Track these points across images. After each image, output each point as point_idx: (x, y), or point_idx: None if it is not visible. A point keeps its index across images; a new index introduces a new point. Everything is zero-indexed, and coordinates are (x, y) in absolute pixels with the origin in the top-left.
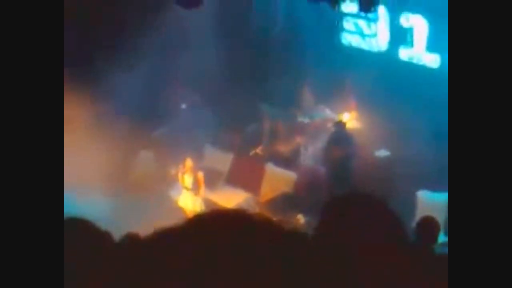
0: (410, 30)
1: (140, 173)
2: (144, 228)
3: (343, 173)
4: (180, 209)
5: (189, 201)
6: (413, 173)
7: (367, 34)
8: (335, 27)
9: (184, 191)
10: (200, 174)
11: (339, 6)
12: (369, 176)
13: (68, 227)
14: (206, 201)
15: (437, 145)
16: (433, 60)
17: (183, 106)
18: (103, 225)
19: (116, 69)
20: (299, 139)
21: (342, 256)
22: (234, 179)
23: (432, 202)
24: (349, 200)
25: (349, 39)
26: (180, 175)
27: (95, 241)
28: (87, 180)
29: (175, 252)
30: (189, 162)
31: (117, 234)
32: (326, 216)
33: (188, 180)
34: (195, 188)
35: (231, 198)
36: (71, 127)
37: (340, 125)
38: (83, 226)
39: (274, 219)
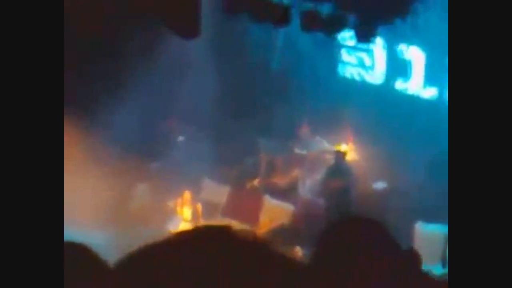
0: (408, 62)
1: (138, 206)
2: None
3: (341, 205)
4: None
5: None
6: (410, 204)
7: (365, 66)
8: (333, 59)
9: (183, 223)
10: (199, 206)
11: (335, 37)
12: (367, 208)
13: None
14: None
15: (435, 177)
16: (431, 93)
17: (180, 138)
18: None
19: (112, 101)
20: (296, 171)
21: (340, 279)
22: (231, 212)
23: (429, 234)
24: (345, 225)
25: (347, 70)
26: (178, 207)
27: (95, 265)
28: (83, 213)
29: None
30: (187, 195)
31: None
32: (323, 241)
33: (187, 212)
34: (194, 219)
35: None
36: (68, 160)
37: (340, 155)
38: (83, 250)
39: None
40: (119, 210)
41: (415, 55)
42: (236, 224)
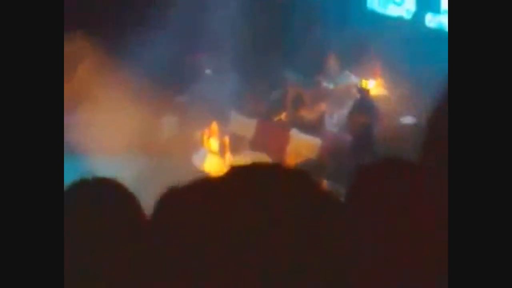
0: None
1: (164, 137)
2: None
3: (367, 140)
4: (205, 173)
5: (215, 164)
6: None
7: (393, 1)
8: None
9: (210, 155)
10: (226, 138)
11: None
12: (394, 143)
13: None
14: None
15: None
16: None
17: (207, 71)
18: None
19: (139, 34)
20: (323, 106)
21: (374, 222)
22: (258, 145)
23: None
24: (380, 166)
25: (375, 4)
26: (205, 139)
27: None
28: (112, 143)
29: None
30: (215, 126)
31: (142, 198)
32: (356, 182)
33: (214, 144)
34: (222, 152)
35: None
36: (96, 91)
37: (365, 91)
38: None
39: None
40: (147, 141)
41: None
42: (263, 157)
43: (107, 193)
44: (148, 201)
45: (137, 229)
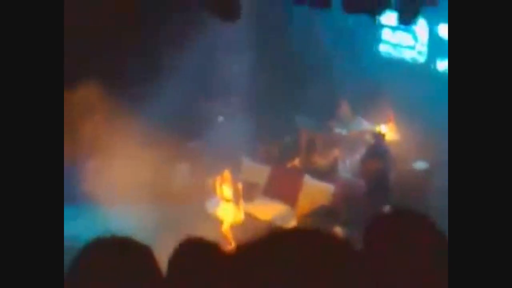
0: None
1: (177, 184)
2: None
3: (381, 186)
4: (218, 221)
5: (229, 212)
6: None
7: (406, 45)
8: (374, 39)
9: (223, 202)
10: (240, 185)
11: (378, 18)
12: (407, 189)
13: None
14: (245, 213)
15: None
16: None
17: (220, 118)
18: (141, 237)
19: (152, 82)
20: (336, 151)
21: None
22: (272, 191)
23: None
24: (395, 219)
25: (387, 50)
26: (218, 186)
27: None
28: (125, 193)
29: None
30: (227, 174)
31: (157, 247)
32: (370, 235)
33: (227, 191)
34: (235, 199)
35: (269, 210)
36: (109, 139)
37: (379, 137)
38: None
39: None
40: (160, 189)
41: None
42: (276, 204)
43: (123, 254)
44: (163, 251)
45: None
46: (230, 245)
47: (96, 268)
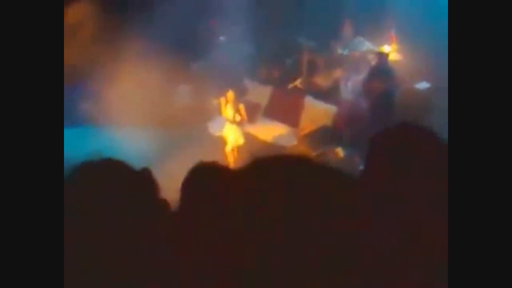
0: None
1: (180, 106)
2: (185, 161)
3: (384, 105)
4: (220, 141)
5: (231, 132)
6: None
7: None
8: None
9: (227, 123)
10: (242, 106)
11: None
12: (411, 108)
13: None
14: (246, 134)
15: None
16: None
17: (222, 38)
18: (144, 159)
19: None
20: (338, 72)
21: (393, 190)
22: (273, 112)
23: None
24: (398, 132)
25: None
26: (222, 107)
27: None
28: (128, 112)
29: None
30: (230, 94)
31: (158, 168)
32: (375, 149)
33: (230, 112)
34: (239, 120)
35: (270, 131)
36: (110, 60)
37: (382, 56)
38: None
39: (314, 153)
40: (162, 111)
41: None
42: (278, 125)
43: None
44: (167, 173)
45: (157, 213)
46: (231, 166)
47: (89, 188)
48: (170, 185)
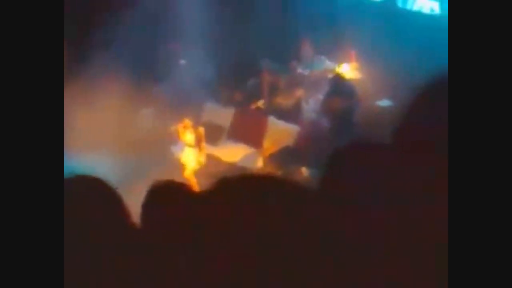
0: None
1: (142, 130)
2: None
3: (346, 124)
4: (182, 166)
5: (191, 157)
6: None
7: None
8: None
9: (186, 147)
10: (201, 129)
11: None
12: (372, 127)
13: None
14: (209, 157)
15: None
16: (433, 7)
17: (182, 61)
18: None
19: (113, 24)
20: (299, 92)
21: (350, 204)
22: (236, 134)
23: None
24: (353, 148)
25: None
26: (181, 132)
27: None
28: (88, 139)
29: (206, 212)
30: (188, 121)
31: (124, 192)
32: (331, 165)
33: (189, 136)
34: (197, 143)
35: (234, 153)
36: (70, 87)
37: (339, 77)
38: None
39: (279, 173)
40: (124, 135)
41: None
42: (241, 146)
43: (92, 191)
44: (131, 198)
45: (123, 230)
46: (194, 189)
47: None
48: (136, 209)
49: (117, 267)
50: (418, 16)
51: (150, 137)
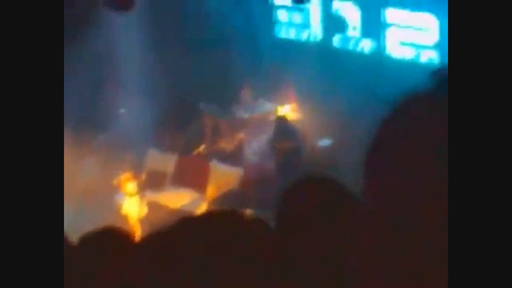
0: (343, 18)
1: (85, 179)
2: None
3: (291, 165)
4: (125, 216)
5: (133, 206)
6: (356, 158)
7: (301, 24)
8: (269, 20)
9: (127, 197)
10: (143, 177)
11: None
12: (316, 166)
13: None
14: (153, 204)
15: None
16: (369, 47)
17: (122, 110)
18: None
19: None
20: (241, 135)
21: (309, 243)
22: (179, 180)
23: None
24: (303, 186)
25: (284, 31)
26: (122, 183)
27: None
28: None
29: (171, 252)
30: (128, 174)
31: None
32: (283, 206)
33: (130, 187)
34: (139, 193)
35: (178, 199)
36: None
37: (282, 119)
38: None
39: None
40: (69, 185)
41: (350, 11)
42: (185, 192)
43: None
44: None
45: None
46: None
47: None
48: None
49: None
50: (355, 55)
51: (94, 187)
